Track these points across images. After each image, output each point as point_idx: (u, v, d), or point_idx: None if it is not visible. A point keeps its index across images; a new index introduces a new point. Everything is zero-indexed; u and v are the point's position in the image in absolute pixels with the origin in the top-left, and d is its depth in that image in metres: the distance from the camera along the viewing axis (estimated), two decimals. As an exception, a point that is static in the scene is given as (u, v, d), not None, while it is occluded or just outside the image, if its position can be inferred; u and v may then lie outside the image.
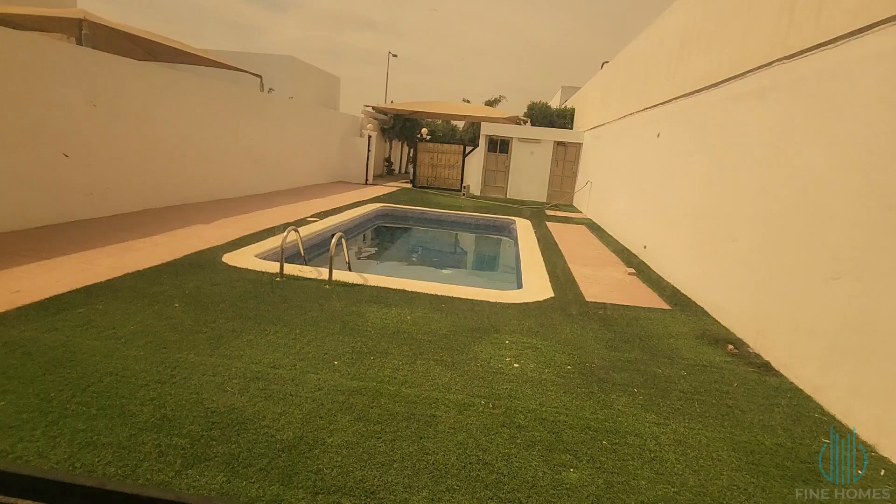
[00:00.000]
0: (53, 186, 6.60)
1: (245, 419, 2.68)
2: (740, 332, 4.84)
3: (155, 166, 8.54)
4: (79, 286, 4.43)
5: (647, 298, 5.96)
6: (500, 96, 25.94)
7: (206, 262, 5.65)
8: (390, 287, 5.38)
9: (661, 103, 8.49)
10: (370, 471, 2.37)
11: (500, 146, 17.46)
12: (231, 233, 7.26)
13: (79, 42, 7.78)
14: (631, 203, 9.70)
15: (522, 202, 16.35)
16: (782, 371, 4.04)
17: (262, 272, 5.48)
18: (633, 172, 9.83)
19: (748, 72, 5.45)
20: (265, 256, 6.20)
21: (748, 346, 4.57)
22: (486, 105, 24.85)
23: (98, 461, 2.25)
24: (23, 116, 6.13)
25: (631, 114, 10.60)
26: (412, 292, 5.27)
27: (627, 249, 9.01)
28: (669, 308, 5.62)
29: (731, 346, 4.51)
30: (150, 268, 5.22)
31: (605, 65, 15.93)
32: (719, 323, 5.20)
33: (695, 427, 3.07)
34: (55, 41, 6.92)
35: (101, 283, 4.60)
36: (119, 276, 4.84)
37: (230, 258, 5.90)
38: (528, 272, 6.75)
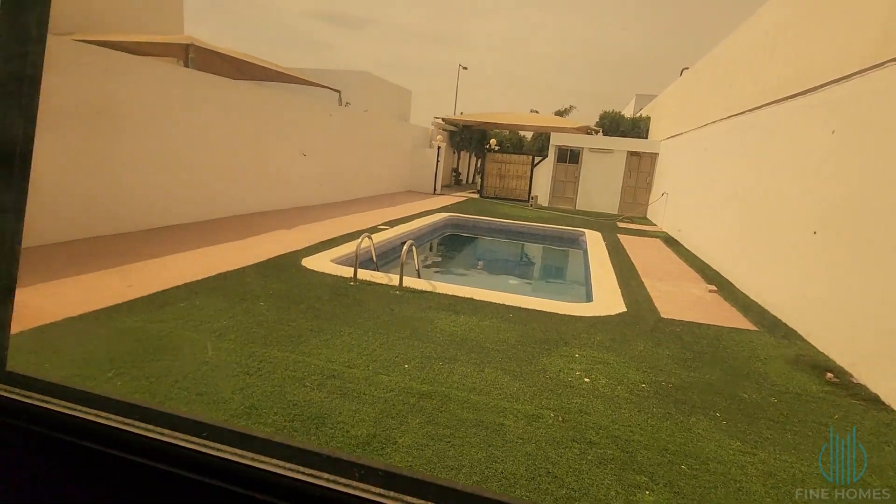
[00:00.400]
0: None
1: (323, 413, 2.84)
2: (842, 359, 4.38)
3: (259, 175, 9.30)
4: (180, 283, 4.91)
5: (731, 318, 5.57)
6: (571, 106, 25.48)
7: (287, 265, 6.04)
8: (458, 295, 5.44)
9: (759, 106, 7.95)
10: (440, 473, 2.42)
11: (569, 156, 17.13)
12: (309, 238, 7.70)
13: (186, 65, 8.67)
14: (715, 215, 9.12)
15: (592, 214, 15.90)
16: (895, 406, 3.61)
17: (338, 276, 5.76)
18: (721, 183, 9.25)
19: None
20: (340, 261, 6.51)
21: (851, 376, 4.12)
22: (555, 115, 24.52)
23: (196, 441, 2.48)
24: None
25: (717, 120, 10.01)
26: (480, 301, 5.30)
27: (708, 265, 8.47)
28: (756, 329, 5.21)
29: (830, 375, 4.10)
30: (239, 268, 5.66)
31: (684, 71, 15.20)
32: (815, 348, 4.74)
33: (787, 459, 2.82)
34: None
35: (198, 280, 5.07)
36: (213, 276, 5.29)
37: (308, 262, 6.26)
38: (598, 285, 6.55)
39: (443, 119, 20.34)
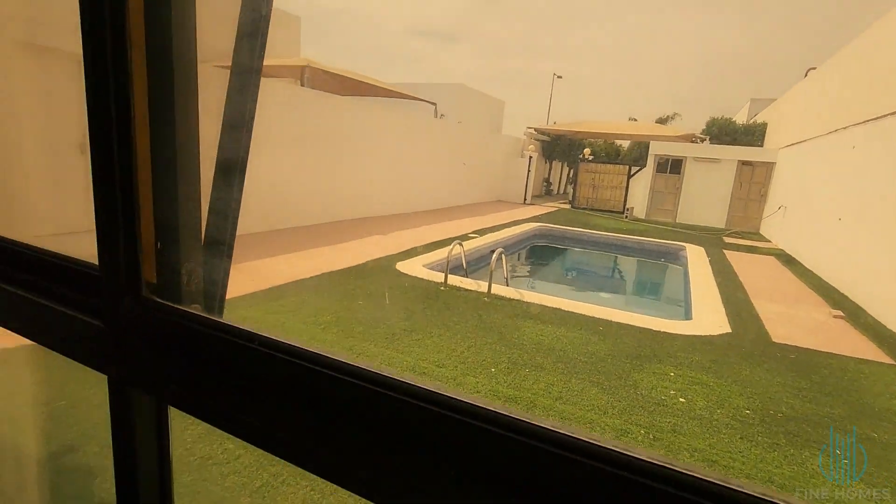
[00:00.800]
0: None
1: (414, 407, 3.02)
2: None
3: (364, 186, 10.06)
4: (290, 280, 5.46)
5: (861, 347, 4.92)
6: (674, 113, 24.05)
7: (383, 268, 6.44)
8: (546, 305, 5.42)
9: None
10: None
11: (670, 166, 16.14)
12: (403, 244, 8.11)
13: (302, 84, 9.61)
14: (849, 231, 8.10)
15: (695, 227, 14.81)
16: None
17: (429, 280, 6.01)
18: (861, 195, 8.21)
19: None
20: (431, 267, 6.78)
21: None
22: (656, 123, 23.28)
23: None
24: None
25: (863, 122, 8.90)
26: (568, 312, 5.24)
27: (835, 288, 7.52)
28: (894, 363, 4.56)
29: None
30: (341, 269, 6.15)
31: (811, 71, 13.67)
32: (973, 390, 4.03)
33: (926, 510, 2.47)
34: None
35: (306, 278, 5.60)
36: (318, 275, 5.81)
37: (402, 266, 6.60)
38: (699, 303, 6.13)
39: (535, 129, 20.24)
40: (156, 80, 0.58)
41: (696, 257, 9.46)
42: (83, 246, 0.73)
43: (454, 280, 6.03)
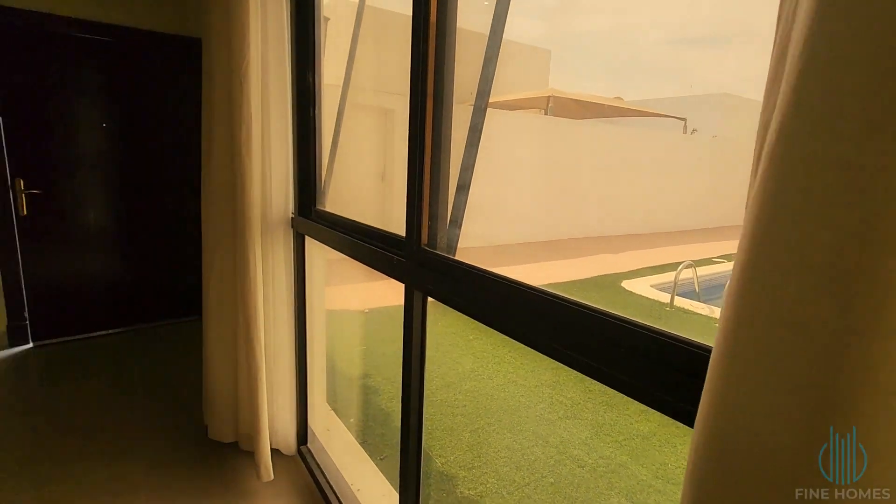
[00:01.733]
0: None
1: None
2: None
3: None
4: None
5: None
6: None
7: (608, 284, 6.61)
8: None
9: None
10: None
11: None
12: (633, 263, 8.02)
13: (545, 113, 10.53)
14: None
15: None
16: None
17: (654, 300, 5.91)
18: None
19: None
20: (660, 287, 6.58)
21: None
22: None
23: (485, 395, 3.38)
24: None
25: None
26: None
27: None
28: None
29: None
30: (566, 281, 6.62)
31: None
32: None
33: None
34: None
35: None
36: (547, 283, 6.40)
37: (628, 284, 6.63)
38: None
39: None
40: (436, 122, 1.24)
41: None
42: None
43: (682, 302, 5.77)
